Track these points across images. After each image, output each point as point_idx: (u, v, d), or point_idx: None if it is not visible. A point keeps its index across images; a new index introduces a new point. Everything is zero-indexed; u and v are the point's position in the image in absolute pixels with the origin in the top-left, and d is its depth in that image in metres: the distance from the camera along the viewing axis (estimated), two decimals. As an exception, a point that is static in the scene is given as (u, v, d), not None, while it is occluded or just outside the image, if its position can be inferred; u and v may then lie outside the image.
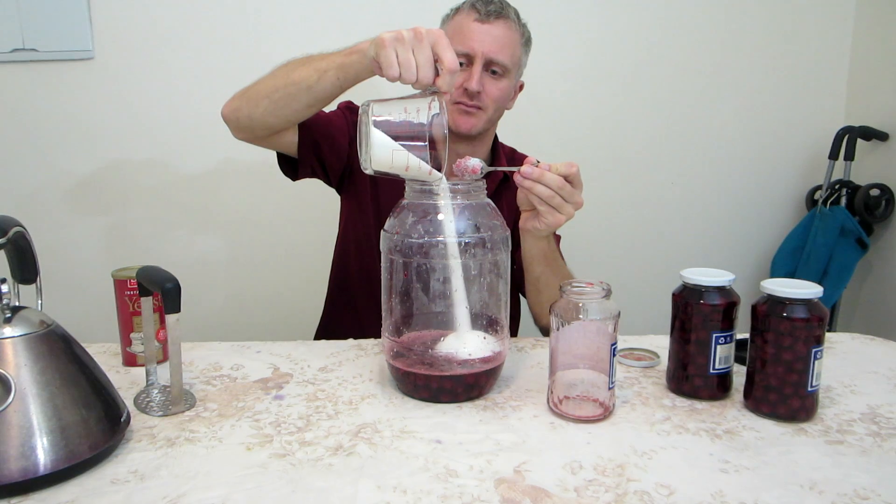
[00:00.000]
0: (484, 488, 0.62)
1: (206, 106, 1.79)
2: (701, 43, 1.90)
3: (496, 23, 1.11)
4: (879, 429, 0.75)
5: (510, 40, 1.13)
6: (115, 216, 1.82)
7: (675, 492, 0.62)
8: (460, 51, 1.10)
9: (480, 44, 1.10)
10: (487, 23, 1.10)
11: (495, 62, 1.12)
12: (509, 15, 1.13)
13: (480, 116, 1.15)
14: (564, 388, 0.79)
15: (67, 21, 1.69)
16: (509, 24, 1.12)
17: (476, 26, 1.10)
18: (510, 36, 1.13)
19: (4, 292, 0.67)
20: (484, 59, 1.11)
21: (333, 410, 0.80)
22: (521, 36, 1.16)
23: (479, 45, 1.10)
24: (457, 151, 1.20)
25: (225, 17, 1.75)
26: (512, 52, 1.13)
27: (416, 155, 0.81)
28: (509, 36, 1.12)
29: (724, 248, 2.02)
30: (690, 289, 0.81)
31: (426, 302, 0.84)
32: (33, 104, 1.75)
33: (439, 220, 0.81)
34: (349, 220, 1.29)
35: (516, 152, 1.33)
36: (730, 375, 0.83)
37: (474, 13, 1.11)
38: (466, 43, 1.10)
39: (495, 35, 1.11)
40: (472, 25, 1.10)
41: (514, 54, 1.14)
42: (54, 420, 0.63)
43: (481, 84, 1.11)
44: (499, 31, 1.11)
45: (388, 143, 0.80)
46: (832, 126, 1.91)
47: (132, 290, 0.94)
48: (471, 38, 1.10)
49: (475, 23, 1.10)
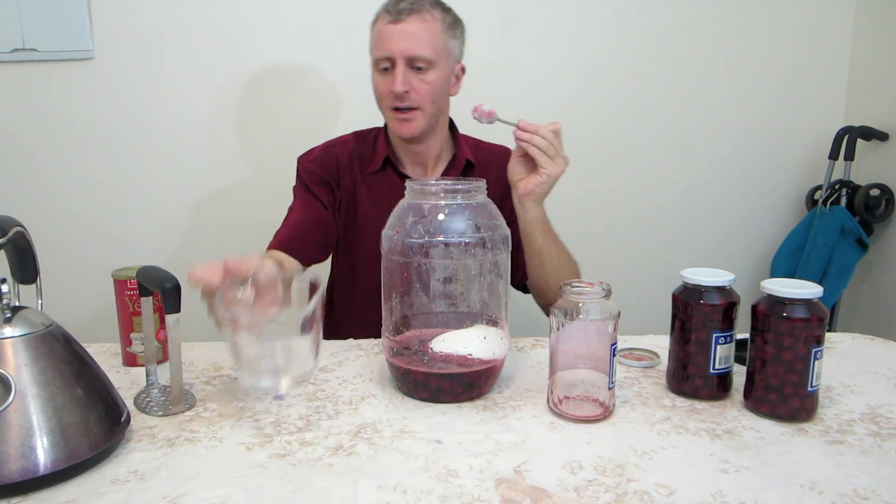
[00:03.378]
0: (484, 488, 0.62)
1: (205, 106, 1.80)
2: (701, 43, 1.90)
3: (409, 20, 1.12)
4: (879, 429, 0.75)
5: (428, 32, 1.13)
6: (115, 216, 1.82)
7: (675, 492, 0.62)
8: (381, 56, 1.14)
9: (397, 44, 1.12)
10: (401, 22, 1.11)
11: (416, 58, 1.12)
12: (423, 8, 1.13)
13: (418, 116, 1.16)
14: (564, 388, 0.79)
15: (67, 21, 1.69)
16: (423, 17, 1.13)
17: (390, 28, 1.12)
18: (427, 27, 1.13)
19: (4, 292, 0.67)
20: (404, 59, 1.12)
21: (333, 410, 0.80)
22: (441, 23, 1.15)
23: (395, 46, 1.12)
24: (410, 149, 1.24)
25: (225, 18, 1.75)
26: (433, 44, 1.13)
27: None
28: (426, 28, 1.13)
29: (724, 248, 2.02)
30: (690, 289, 0.81)
31: (426, 301, 0.84)
32: (33, 104, 1.75)
33: (439, 220, 0.81)
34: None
35: (481, 142, 1.33)
36: (730, 375, 0.83)
37: (388, 16, 1.13)
38: (384, 47, 1.13)
39: (410, 32, 1.12)
40: (386, 28, 1.13)
41: (436, 44, 1.14)
42: (54, 420, 0.63)
43: (407, 83, 1.13)
44: (413, 27, 1.12)
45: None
46: (832, 126, 1.91)
47: (132, 290, 0.94)
48: (387, 41, 1.12)
49: (389, 25, 1.12)
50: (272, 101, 1.81)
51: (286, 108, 1.81)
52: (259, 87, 1.79)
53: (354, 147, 1.28)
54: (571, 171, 1.95)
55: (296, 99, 1.81)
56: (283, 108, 1.81)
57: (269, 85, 1.80)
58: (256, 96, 1.80)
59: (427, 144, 1.23)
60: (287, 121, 1.81)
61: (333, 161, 1.26)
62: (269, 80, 1.79)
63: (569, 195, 1.93)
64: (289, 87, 1.80)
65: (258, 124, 1.81)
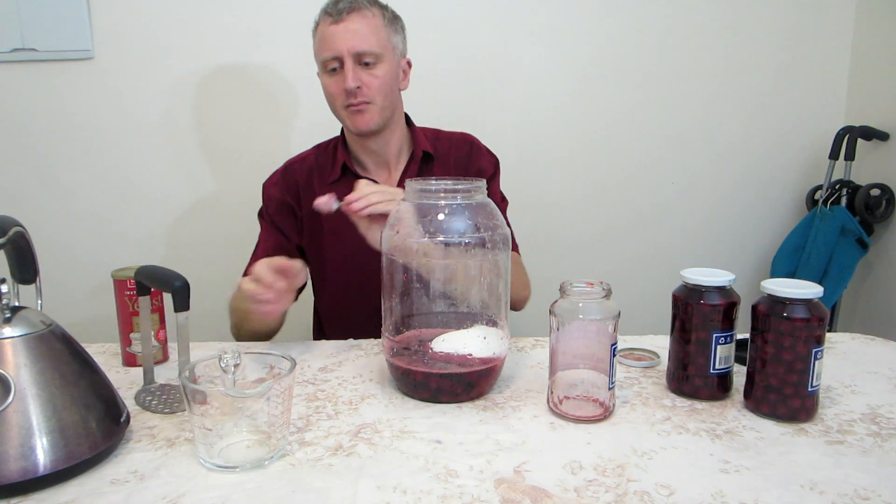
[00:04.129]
0: (484, 488, 0.62)
1: (205, 106, 1.80)
2: (701, 43, 1.90)
3: (350, 17, 1.13)
4: (880, 429, 0.75)
5: (370, 28, 1.14)
6: (115, 216, 1.82)
7: (675, 492, 0.62)
8: (329, 56, 1.15)
9: (343, 42, 1.13)
10: (342, 21, 1.13)
11: (363, 54, 1.14)
12: (362, 6, 1.15)
13: (371, 110, 1.17)
14: (564, 388, 0.79)
15: (67, 21, 1.69)
16: (363, 13, 1.14)
17: (333, 29, 1.14)
18: (369, 23, 1.14)
19: (4, 292, 0.67)
20: (351, 56, 1.13)
21: (333, 410, 0.80)
22: (382, 19, 1.17)
23: (341, 45, 1.13)
24: (371, 148, 1.25)
25: (224, 18, 1.75)
26: (377, 38, 1.15)
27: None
28: (367, 24, 1.14)
29: (724, 248, 2.02)
30: (690, 289, 0.81)
31: (426, 301, 0.84)
32: (33, 104, 1.75)
33: (439, 220, 0.81)
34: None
35: (441, 132, 1.33)
36: (730, 375, 0.83)
37: (328, 18, 1.15)
38: (330, 47, 1.14)
39: (353, 29, 1.13)
40: (329, 30, 1.14)
41: (380, 38, 1.16)
42: (54, 420, 0.63)
43: (358, 79, 1.14)
44: (355, 24, 1.13)
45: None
46: (832, 126, 1.91)
47: (132, 291, 0.94)
48: (333, 41, 1.14)
49: (332, 26, 1.14)
50: (274, 101, 1.81)
51: (290, 107, 1.81)
52: (260, 86, 1.79)
53: (314, 162, 1.29)
54: (572, 171, 1.96)
55: (296, 99, 1.81)
56: (287, 107, 1.81)
57: (270, 84, 1.80)
58: (258, 96, 1.80)
59: (385, 140, 1.24)
60: (290, 120, 1.81)
61: (292, 181, 1.28)
62: (270, 79, 1.79)
63: (569, 195, 1.94)
64: (291, 87, 1.80)
65: (258, 124, 1.81)
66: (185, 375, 0.68)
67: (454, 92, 1.81)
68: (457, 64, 1.81)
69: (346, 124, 1.22)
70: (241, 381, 0.71)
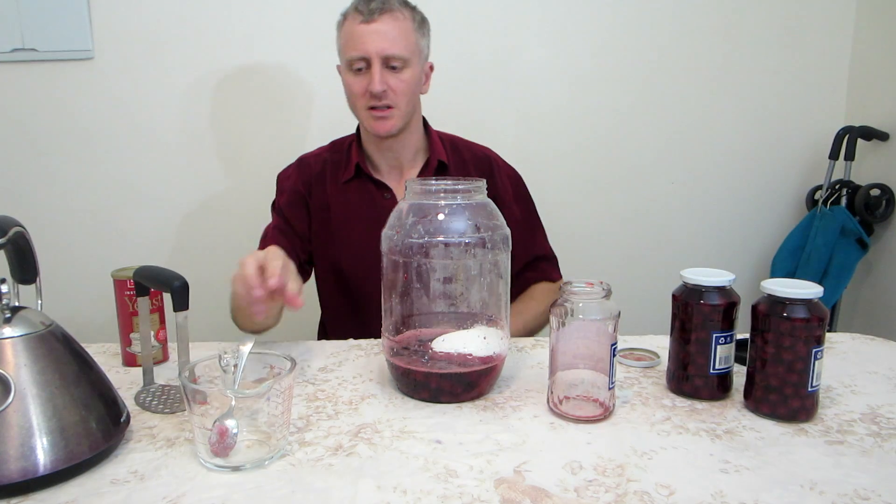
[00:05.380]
0: (484, 488, 0.62)
1: (206, 106, 1.80)
2: (701, 43, 1.89)
3: (381, 18, 1.10)
4: (880, 429, 0.75)
5: (401, 31, 1.12)
6: (114, 216, 1.82)
7: (675, 492, 0.62)
8: (356, 56, 1.12)
9: (373, 44, 1.10)
10: (373, 21, 1.10)
11: (392, 57, 1.12)
12: (393, 6, 1.12)
13: (394, 115, 1.15)
14: (564, 388, 0.79)
15: (67, 21, 1.69)
16: (395, 16, 1.12)
17: (362, 28, 1.10)
18: (400, 27, 1.12)
19: (4, 292, 0.67)
20: (380, 58, 1.11)
21: (333, 410, 0.80)
22: (412, 22, 1.15)
23: (371, 46, 1.10)
24: (386, 150, 1.23)
25: (224, 18, 1.75)
26: (406, 42, 1.13)
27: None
28: (399, 27, 1.12)
29: (724, 248, 2.02)
30: (690, 289, 0.81)
31: (426, 301, 0.84)
32: (33, 104, 1.75)
33: (439, 220, 0.81)
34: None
35: (459, 140, 1.32)
36: (730, 375, 0.83)
37: (359, 16, 1.11)
38: (359, 47, 1.11)
39: (384, 31, 1.10)
40: (359, 29, 1.11)
41: (409, 42, 1.13)
42: (54, 420, 0.63)
43: (384, 83, 1.12)
44: (386, 26, 1.11)
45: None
46: (832, 126, 1.91)
47: (132, 291, 0.94)
48: (361, 41, 1.11)
49: (361, 25, 1.11)
50: (273, 102, 1.81)
51: (287, 108, 1.81)
52: (260, 87, 1.79)
53: (329, 157, 1.27)
54: (571, 171, 1.96)
55: (298, 99, 1.81)
56: (285, 107, 1.81)
57: (270, 85, 1.80)
58: (257, 96, 1.80)
59: (403, 143, 1.23)
60: (289, 120, 1.81)
61: (306, 174, 1.26)
62: (270, 80, 1.79)
63: (568, 195, 1.94)
64: (289, 88, 1.80)
65: (258, 124, 1.81)
66: (185, 375, 0.68)
67: (454, 92, 1.81)
68: (457, 64, 1.81)
69: (365, 125, 1.19)
70: (241, 381, 0.71)
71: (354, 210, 1.23)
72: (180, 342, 0.76)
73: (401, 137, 1.21)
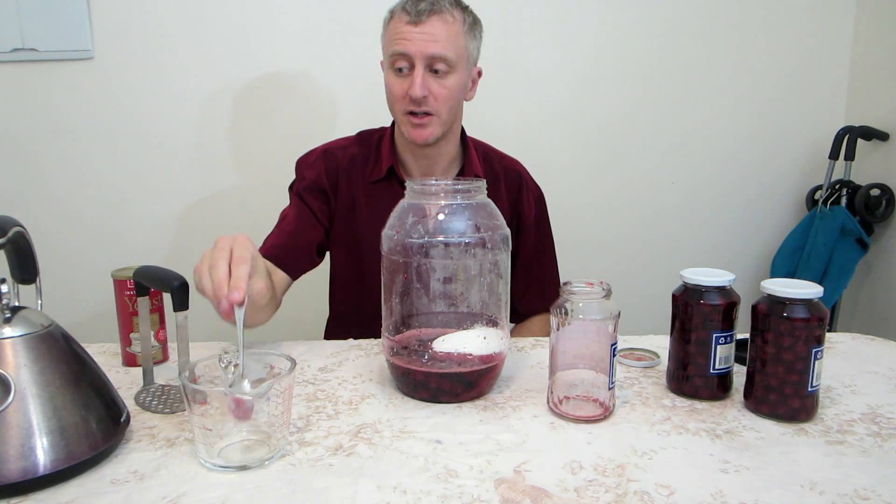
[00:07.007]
0: (484, 488, 0.62)
1: (205, 106, 1.80)
2: (701, 43, 1.90)
3: (429, 20, 1.05)
4: (880, 429, 0.75)
5: (449, 34, 1.06)
6: (114, 216, 1.82)
7: (675, 492, 0.62)
8: (398, 51, 1.07)
9: (417, 46, 1.05)
10: (420, 23, 1.05)
11: (436, 58, 1.06)
12: (443, 7, 1.06)
13: (434, 123, 1.10)
14: (564, 388, 0.79)
15: (67, 21, 1.69)
16: (444, 18, 1.06)
17: (409, 29, 1.05)
18: (448, 30, 1.06)
19: (4, 292, 0.67)
20: (424, 61, 1.06)
21: (333, 410, 0.80)
22: (462, 24, 1.09)
23: (415, 47, 1.05)
24: (421, 156, 1.18)
25: (225, 18, 1.75)
26: (454, 46, 1.07)
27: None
28: (447, 30, 1.06)
29: (724, 248, 2.02)
30: (690, 289, 0.81)
31: (426, 301, 0.84)
32: (33, 104, 1.75)
33: (439, 220, 0.81)
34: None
35: (491, 149, 1.28)
36: (730, 375, 0.83)
37: (406, 16, 1.06)
38: (403, 45, 1.06)
39: (431, 33, 1.05)
40: (405, 29, 1.05)
41: (458, 46, 1.08)
42: (54, 420, 0.63)
43: (426, 88, 1.06)
44: (434, 28, 1.05)
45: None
46: (832, 126, 1.91)
47: (131, 291, 0.94)
48: (406, 42, 1.05)
49: (408, 25, 1.05)
50: (272, 102, 1.81)
51: (286, 110, 1.81)
52: (259, 87, 1.79)
53: (357, 151, 1.21)
54: (571, 171, 1.96)
55: (296, 100, 1.81)
56: (283, 109, 1.81)
57: (269, 86, 1.79)
58: (256, 97, 1.80)
59: (439, 150, 1.17)
60: (286, 122, 1.81)
61: (332, 167, 1.20)
62: (269, 81, 1.79)
63: (569, 196, 1.94)
64: (289, 89, 1.80)
65: (258, 125, 1.81)
66: (185, 375, 0.68)
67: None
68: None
69: (403, 130, 1.13)
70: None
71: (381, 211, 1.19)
72: (180, 342, 0.76)
73: (438, 145, 1.15)
